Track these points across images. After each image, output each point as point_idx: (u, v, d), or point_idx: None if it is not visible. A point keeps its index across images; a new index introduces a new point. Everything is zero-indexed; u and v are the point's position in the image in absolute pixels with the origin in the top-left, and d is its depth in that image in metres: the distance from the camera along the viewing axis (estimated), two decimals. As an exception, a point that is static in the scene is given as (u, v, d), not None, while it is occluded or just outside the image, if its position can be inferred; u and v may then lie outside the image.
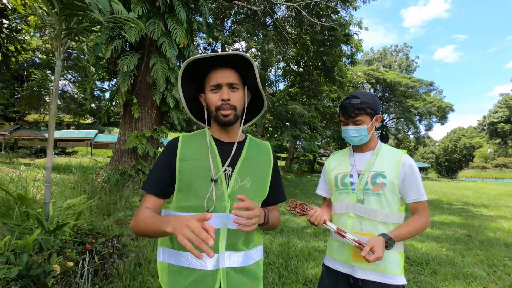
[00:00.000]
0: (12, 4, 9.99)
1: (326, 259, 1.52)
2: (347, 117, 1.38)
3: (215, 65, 1.07)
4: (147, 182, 1.07)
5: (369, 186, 1.35)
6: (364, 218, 1.34)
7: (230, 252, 1.02)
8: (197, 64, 1.07)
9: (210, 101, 1.07)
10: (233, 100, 1.05)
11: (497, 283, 3.22)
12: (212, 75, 1.07)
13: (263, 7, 13.40)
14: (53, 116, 2.61)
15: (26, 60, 21.78)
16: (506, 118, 50.32)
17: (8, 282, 1.79)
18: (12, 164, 8.24)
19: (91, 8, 2.46)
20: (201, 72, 1.10)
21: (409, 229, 1.30)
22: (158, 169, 1.08)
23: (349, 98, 1.38)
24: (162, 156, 1.08)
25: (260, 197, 1.13)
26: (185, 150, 1.07)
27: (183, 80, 1.11)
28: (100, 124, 31.63)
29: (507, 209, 8.93)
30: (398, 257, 1.34)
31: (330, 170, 1.53)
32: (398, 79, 35.56)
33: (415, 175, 1.34)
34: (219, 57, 1.04)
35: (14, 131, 21.93)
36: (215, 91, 1.06)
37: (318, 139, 22.54)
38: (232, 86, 1.06)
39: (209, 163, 1.05)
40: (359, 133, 1.37)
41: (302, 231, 5.27)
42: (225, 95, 1.04)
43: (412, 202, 1.34)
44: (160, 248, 1.10)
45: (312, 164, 26.66)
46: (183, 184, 1.03)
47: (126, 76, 5.64)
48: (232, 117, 1.06)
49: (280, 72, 20.00)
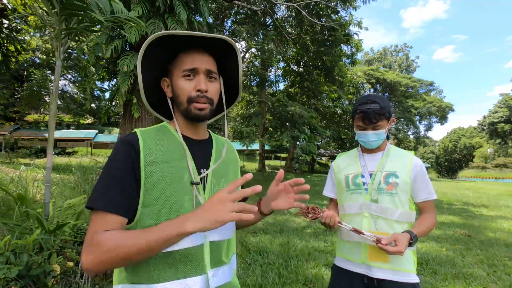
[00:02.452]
0: (12, 4, 9.99)
1: (337, 260, 1.52)
2: (368, 123, 1.37)
3: (190, 47, 0.88)
4: (104, 197, 0.75)
5: (383, 185, 1.37)
6: (379, 217, 1.36)
7: (215, 269, 0.86)
8: (165, 42, 0.85)
9: (180, 89, 0.86)
10: (210, 92, 0.87)
11: (497, 283, 3.22)
12: (185, 58, 0.87)
13: (263, 7, 13.40)
14: (53, 116, 2.61)
15: (26, 60, 21.78)
16: (506, 118, 50.28)
17: (8, 282, 1.79)
18: (12, 164, 8.23)
19: (92, 8, 2.46)
20: (167, 53, 0.89)
21: (427, 226, 1.35)
22: (119, 178, 0.77)
23: (367, 103, 1.35)
24: (121, 160, 0.79)
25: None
26: (150, 151, 0.82)
27: (144, 58, 0.86)
28: (100, 124, 31.65)
29: (507, 209, 8.92)
30: (411, 255, 1.37)
31: (339, 171, 1.53)
32: (398, 79, 35.54)
33: (425, 175, 1.39)
34: (200, 39, 0.84)
35: (14, 131, 21.95)
36: (188, 78, 0.86)
37: (317, 139, 22.51)
38: (210, 74, 0.88)
39: (185, 164, 0.85)
40: (378, 137, 1.40)
41: (302, 231, 5.27)
42: (203, 85, 0.85)
43: (422, 201, 1.39)
44: (119, 286, 0.81)
45: (312, 164, 26.66)
46: (152, 195, 0.78)
47: (126, 76, 5.63)
48: (208, 111, 0.88)
49: (280, 72, 20.01)
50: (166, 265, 0.80)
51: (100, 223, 0.73)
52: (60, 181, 4.79)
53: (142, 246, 0.69)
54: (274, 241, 4.50)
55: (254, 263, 3.59)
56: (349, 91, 23.82)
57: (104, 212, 0.74)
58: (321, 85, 18.93)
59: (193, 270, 0.82)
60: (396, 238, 1.22)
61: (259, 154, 20.64)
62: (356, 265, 1.39)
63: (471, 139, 59.41)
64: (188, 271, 0.81)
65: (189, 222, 0.68)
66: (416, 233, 1.28)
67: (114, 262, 0.70)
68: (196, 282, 0.81)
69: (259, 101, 17.61)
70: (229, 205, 0.68)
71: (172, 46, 0.87)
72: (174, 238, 0.69)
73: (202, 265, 0.83)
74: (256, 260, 3.67)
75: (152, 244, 0.69)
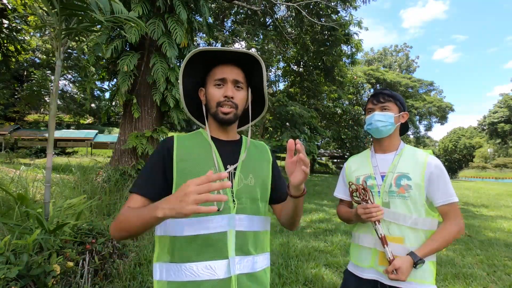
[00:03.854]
0: (12, 4, 9.99)
1: (350, 265, 1.45)
2: (376, 103, 1.36)
3: (221, 61, 1.02)
4: (136, 183, 0.96)
5: (394, 188, 1.28)
6: (391, 223, 1.28)
7: (240, 257, 0.94)
8: (202, 57, 1.00)
9: (211, 96, 1.01)
10: (236, 99, 1.00)
11: (497, 283, 3.22)
12: (217, 69, 1.01)
13: (263, 7, 13.40)
14: (53, 116, 2.61)
15: (26, 60, 21.78)
16: (506, 118, 50.27)
17: (8, 282, 1.79)
18: (12, 164, 8.23)
19: (92, 8, 2.46)
20: (204, 66, 1.04)
21: (440, 242, 1.22)
22: (150, 170, 0.96)
23: (379, 90, 1.40)
24: (155, 157, 0.98)
25: (264, 195, 1.06)
26: (182, 150, 0.98)
27: (184, 73, 1.03)
28: (100, 124, 31.61)
29: (507, 209, 8.92)
30: (430, 266, 1.27)
31: (350, 172, 1.47)
32: (398, 79, 35.56)
33: (443, 176, 1.26)
34: (229, 53, 0.99)
35: (14, 131, 21.93)
36: (218, 87, 1.00)
37: (318, 139, 22.50)
38: (237, 84, 1.01)
39: (211, 161, 0.98)
40: (386, 119, 1.32)
41: (302, 231, 5.27)
42: (229, 92, 0.98)
43: (441, 205, 1.25)
44: (157, 264, 0.96)
45: (312, 164, 26.67)
46: (180, 185, 0.90)
47: (126, 76, 5.63)
48: (232, 115, 1.00)
49: (280, 72, 20.00)
50: (194, 247, 0.91)
51: (129, 201, 0.93)
52: (60, 181, 4.79)
53: (134, 220, 0.83)
54: (274, 241, 4.50)
55: (254, 263, 3.58)
56: (349, 91, 23.80)
57: (133, 194, 0.94)
58: (321, 85, 18.92)
59: (217, 254, 0.91)
60: (396, 267, 1.16)
61: (259, 154, 20.58)
62: (368, 271, 1.32)
63: (471, 139, 59.39)
64: (212, 254, 0.91)
65: (159, 209, 0.73)
66: (423, 253, 1.18)
67: (120, 229, 0.87)
68: (219, 265, 0.90)
69: (259, 101, 17.53)
70: (192, 197, 0.68)
71: (208, 60, 1.02)
72: (151, 220, 0.77)
73: (225, 251, 0.92)
74: (256, 260, 3.67)
75: (141, 220, 0.80)
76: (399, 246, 1.26)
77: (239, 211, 0.96)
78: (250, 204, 0.99)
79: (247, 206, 0.98)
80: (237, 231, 0.94)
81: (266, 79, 1.11)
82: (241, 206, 0.97)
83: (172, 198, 0.72)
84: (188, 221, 0.92)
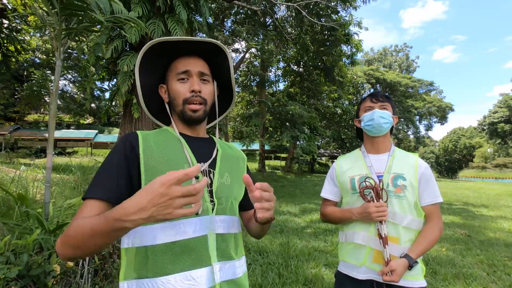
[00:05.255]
0: (12, 4, 9.99)
1: (341, 265, 1.43)
2: (375, 101, 1.40)
3: (183, 53, 0.92)
4: (92, 188, 0.77)
5: (391, 188, 1.32)
6: (389, 223, 1.30)
7: (222, 263, 0.84)
8: (161, 49, 0.89)
9: (176, 92, 0.90)
10: (204, 93, 0.90)
11: (497, 283, 3.22)
12: (179, 62, 0.91)
13: (263, 7, 13.39)
14: (53, 116, 2.61)
15: (26, 60, 21.76)
16: (506, 118, 50.25)
17: (8, 282, 1.79)
18: (12, 164, 8.23)
19: (92, 8, 2.46)
20: (163, 60, 0.94)
21: (428, 242, 1.29)
22: (110, 170, 0.80)
23: (374, 92, 1.47)
24: (115, 155, 0.82)
25: (240, 195, 0.99)
26: (149, 146, 0.85)
27: (141, 67, 0.91)
28: (100, 124, 31.61)
29: (507, 209, 8.92)
30: (420, 264, 1.32)
31: (342, 172, 1.45)
32: (398, 79, 35.53)
33: (432, 177, 1.35)
34: (191, 44, 0.89)
35: (14, 131, 21.93)
36: (182, 81, 0.90)
37: (317, 139, 22.49)
38: (203, 76, 0.92)
39: (183, 158, 0.86)
40: (387, 117, 1.36)
41: (302, 231, 5.27)
42: (196, 86, 0.89)
43: (428, 204, 1.32)
44: (125, 283, 0.79)
45: (312, 164, 26.65)
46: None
47: (126, 76, 5.63)
48: (202, 112, 0.91)
49: (280, 72, 20.00)
50: (169, 257, 0.78)
51: (81, 210, 0.74)
52: (60, 181, 4.79)
53: (90, 234, 0.65)
54: (274, 241, 4.50)
55: (254, 263, 3.59)
56: (349, 91, 23.81)
57: (87, 200, 0.75)
58: (321, 85, 18.92)
59: (197, 262, 0.80)
60: (392, 269, 1.21)
61: (259, 154, 20.62)
62: (362, 270, 1.32)
63: (471, 139, 59.38)
64: (192, 263, 0.79)
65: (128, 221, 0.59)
66: (416, 255, 1.24)
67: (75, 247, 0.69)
68: (201, 274, 0.79)
69: (259, 101, 17.59)
70: (178, 200, 0.58)
71: (167, 53, 0.91)
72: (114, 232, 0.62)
73: (206, 257, 0.81)
74: (256, 260, 3.67)
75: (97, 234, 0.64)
76: (395, 246, 1.28)
77: (219, 212, 0.88)
78: (229, 205, 0.92)
79: (226, 206, 0.91)
80: (217, 234, 0.85)
81: (265, 79, 1.06)
82: (221, 207, 0.89)
83: (145, 202, 0.58)
84: (160, 227, 0.79)
